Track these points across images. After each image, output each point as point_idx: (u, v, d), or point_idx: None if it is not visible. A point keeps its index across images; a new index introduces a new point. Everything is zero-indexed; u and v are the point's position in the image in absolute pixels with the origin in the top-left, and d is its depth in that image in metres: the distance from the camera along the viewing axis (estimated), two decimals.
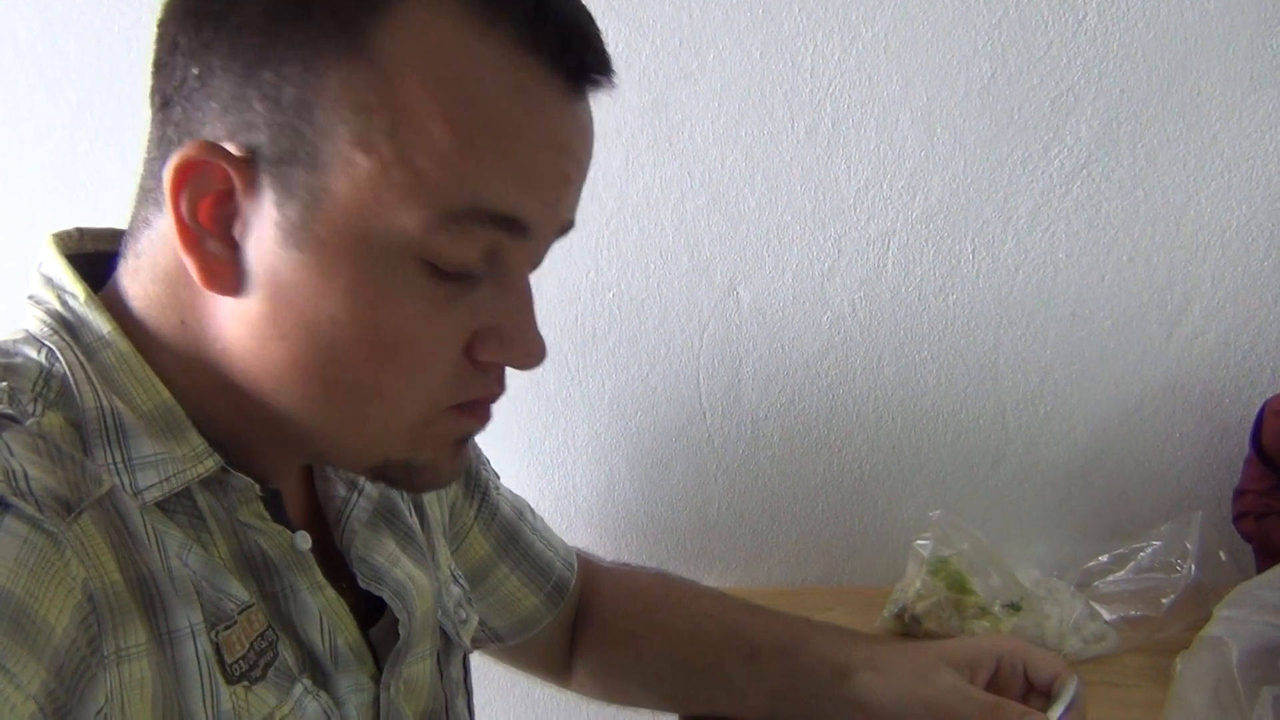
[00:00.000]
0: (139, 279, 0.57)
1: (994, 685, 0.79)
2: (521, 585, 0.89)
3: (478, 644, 0.89)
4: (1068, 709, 0.75)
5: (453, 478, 0.63)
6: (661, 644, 0.92)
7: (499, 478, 0.91)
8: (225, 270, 0.53)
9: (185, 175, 0.52)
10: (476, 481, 0.86)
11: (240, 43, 0.51)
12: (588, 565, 0.97)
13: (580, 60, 0.54)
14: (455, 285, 0.54)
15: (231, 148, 0.52)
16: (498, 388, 0.59)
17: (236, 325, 0.54)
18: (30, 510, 0.47)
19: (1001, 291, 1.20)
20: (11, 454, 0.48)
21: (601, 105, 1.17)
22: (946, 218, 1.18)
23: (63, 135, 1.19)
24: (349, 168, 0.51)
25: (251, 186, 0.52)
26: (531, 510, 0.93)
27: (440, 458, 0.60)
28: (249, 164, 0.52)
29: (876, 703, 0.79)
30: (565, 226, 0.59)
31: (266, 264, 0.53)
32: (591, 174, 1.20)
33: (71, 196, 1.20)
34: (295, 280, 0.53)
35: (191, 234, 0.53)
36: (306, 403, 0.55)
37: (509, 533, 0.88)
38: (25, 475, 0.48)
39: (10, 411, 0.51)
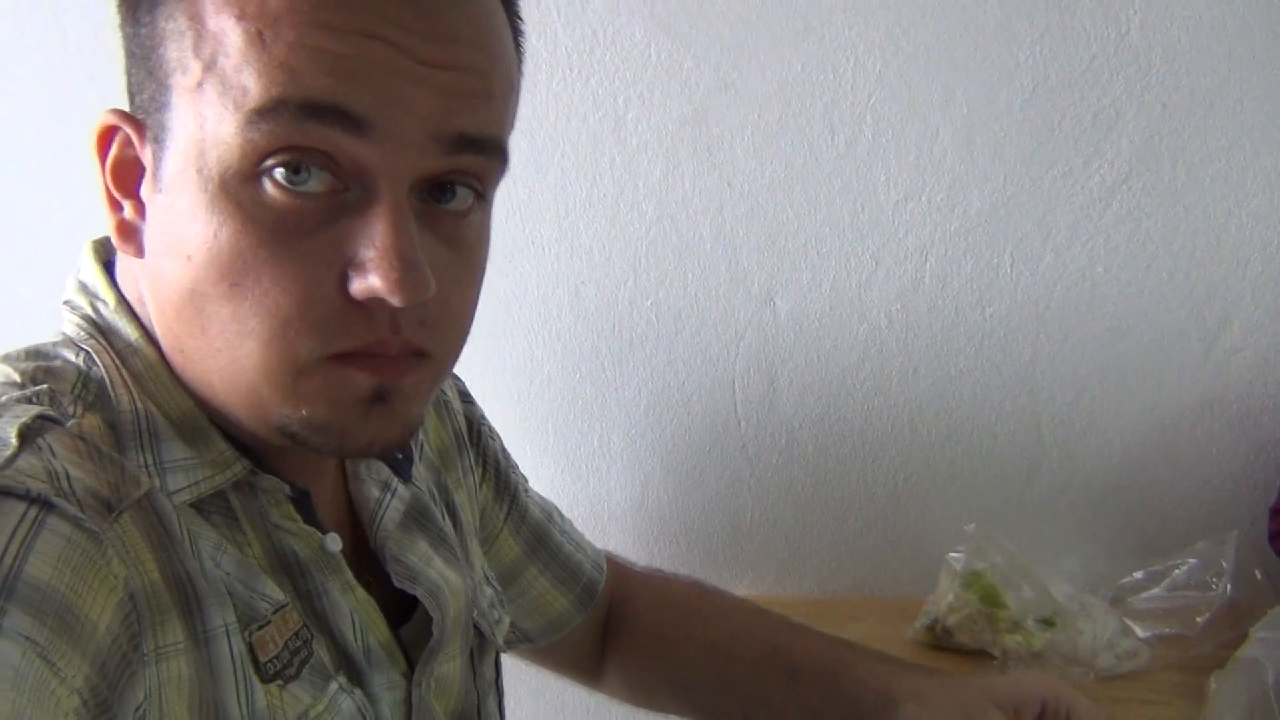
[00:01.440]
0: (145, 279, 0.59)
1: None
2: (551, 587, 0.90)
3: (508, 645, 0.90)
4: None
5: (381, 444, 0.56)
6: (697, 656, 0.92)
7: (527, 481, 0.91)
8: (129, 229, 0.55)
9: (103, 143, 0.55)
10: (506, 484, 0.87)
11: (123, 5, 0.54)
12: (619, 569, 0.98)
13: None
14: (307, 207, 0.51)
15: (130, 110, 0.54)
16: (387, 333, 0.53)
17: (149, 286, 0.56)
18: (73, 510, 0.48)
19: (1039, 305, 1.20)
20: (54, 455, 0.49)
21: (643, 116, 1.18)
22: (985, 231, 1.18)
23: None
24: (179, 98, 0.51)
25: (141, 143, 0.54)
26: (560, 514, 0.94)
27: (344, 417, 0.54)
28: (138, 122, 0.54)
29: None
30: (461, 139, 0.53)
31: (146, 215, 0.55)
32: (631, 183, 1.22)
33: None
34: (160, 223, 0.53)
35: (112, 199, 0.55)
36: (201, 362, 0.54)
37: (538, 535, 0.89)
38: (67, 476, 0.49)
39: (52, 413, 0.52)
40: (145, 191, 0.54)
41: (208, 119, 0.49)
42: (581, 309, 1.22)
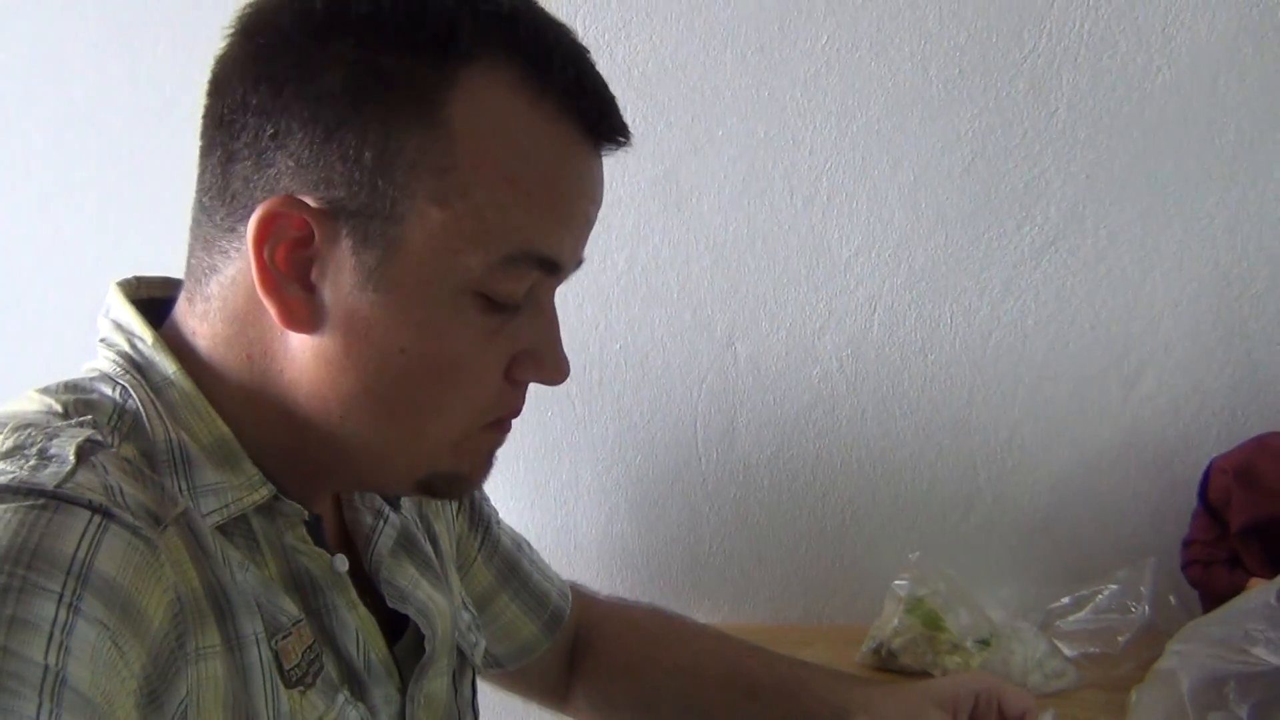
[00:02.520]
0: (207, 320, 0.61)
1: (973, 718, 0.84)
2: (521, 614, 0.93)
3: (481, 669, 0.93)
4: None
5: (482, 482, 0.69)
6: (662, 679, 0.96)
7: (499, 514, 0.96)
8: (303, 310, 0.58)
9: (269, 225, 0.57)
10: (480, 516, 0.91)
11: (322, 108, 0.56)
12: (584, 598, 1.01)
13: (610, 125, 0.62)
14: (502, 316, 0.61)
15: (311, 201, 0.56)
16: (522, 405, 0.66)
17: (308, 359, 0.59)
18: (131, 519, 0.51)
19: (976, 354, 1.27)
20: (107, 473, 0.53)
21: (618, 173, 1.25)
22: (928, 285, 1.25)
23: (110, 182, 1.25)
24: (424, 219, 0.57)
25: (330, 235, 0.57)
26: (529, 545, 0.97)
27: (476, 467, 0.66)
28: (328, 215, 0.57)
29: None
30: (580, 263, 0.67)
31: (344, 304, 0.58)
32: (605, 236, 1.29)
33: (118, 241, 1.26)
34: (371, 317, 0.58)
35: (272, 279, 0.57)
36: (371, 424, 0.61)
37: (509, 564, 0.93)
38: (121, 491, 0.53)
39: (99, 438, 0.56)
40: (332, 279, 0.58)
41: (457, 250, 0.58)
42: None
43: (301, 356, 0.60)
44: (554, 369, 0.65)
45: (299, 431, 0.62)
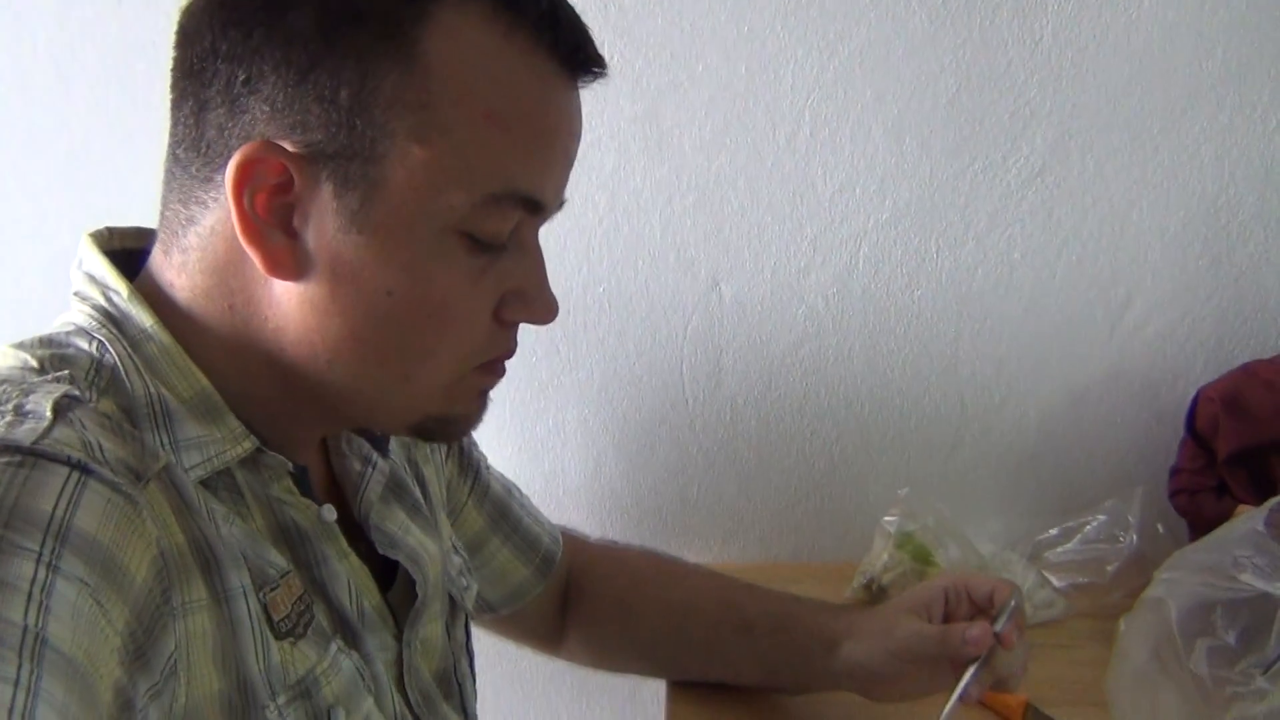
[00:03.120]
0: (185, 272, 0.61)
1: (948, 617, 0.86)
2: (513, 558, 0.94)
3: (473, 614, 0.94)
4: (1009, 618, 0.83)
5: (478, 424, 0.69)
6: (655, 617, 0.98)
7: (487, 459, 0.96)
8: (287, 257, 0.58)
9: (247, 173, 0.56)
10: (469, 461, 0.92)
11: (294, 50, 0.55)
12: (575, 542, 1.03)
13: (585, 56, 0.61)
14: (487, 257, 0.61)
15: (289, 145, 0.56)
16: (514, 345, 0.66)
17: (294, 306, 0.59)
18: (110, 475, 0.51)
19: (962, 288, 1.27)
20: (85, 428, 0.53)
21: (597, 113, 1.23)
22: (913, 220, 1.25)
23: (78, 134, 1.22)
24: (405, 158, 0.56)
25: (310, 179, 0.56)
26: (519, 490, 0.98)
27: (470, 410, 0.66)
28: (307, 159, 0.56)
29: (859, 667, 0.86)
30: (562, 203, 0.67)
31: (328, 249, 0.57)
32: (585, 177, 1.27)
33: (86, 193, 1.24)
34: (356, 261, 0.58)
35: (254, 227, 0.57)
36: (360, 369, 0.61)
37: (500, 509, 0.94)
38: (100, 446, 0.53)
39: (76, 393, 0.55)
40: (315, 224, 0.58)
41: (440, 188, 0.57)
42: None
43: (286, 304, 0.59)
44: (543, 308, 0.65)
45: (284, 380, 0.62)
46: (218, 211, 0.58)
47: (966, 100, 1.21)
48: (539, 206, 0.62)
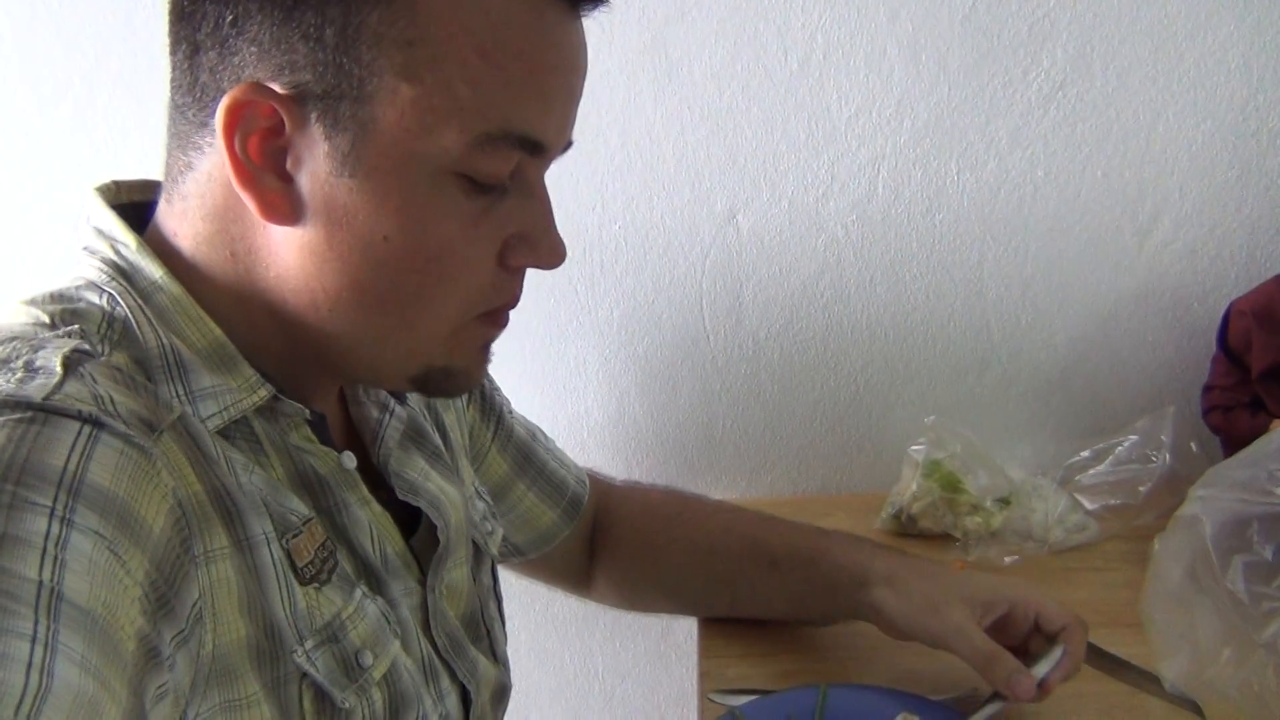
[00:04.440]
0: (186, 220, 0.60)
1: (1003, 624, 0.84)
2: (539, 501, 0.94)
3: (502, 557, 0.94)
4: (1055, 667, 0.81)
5: (480, 380, 0.68)
6: (682, 557, 0.98)
7: (510, 403, 0.96)
8: (281, 202, 0.57)
9: (236, 115, 0.55)
10: (491, 406, 0.91)
11: None
12: (601, 484, 1.03)
13: None
14: (487, 199, 0.59)
15: (277, 86, 0.55)
16: (518, 292, 0.64)
17: (292, 252, 0.58)
18: (122, 428, 0.51)
19: (985, 210, 1.25)
20: (96, 382, 0.53)
21: (604, 45, 1.21)
22: (932, 141, 1.22)
23: (81, 90, 1.22)
24: (394, 97, 0.55)
25: (300, 121, 0.55)
26: (543, 433, 0.98)
27: (472, 363, 0.65)
28: (296, 101, 0.55)
29: (888, 616, 0.85)
30: (568, 144, 0.64)
31: (321, 192, 0.57)
32: (595, 112, 1.25)
33: (91, 150, 1.23)
34: (350, 204, 0.57)
35: (246, 171, 0.56)
36: (360, 317, 0.60)
37: (524, 453, 0.93)
38: (111, 399, 0.53)
39: (87, 347, 0.55)
40: (307, 168, 0.57)
41: (431, 128, 0.56)
42: None
43: (285, 250, 0.59)
44: (549, 252, 0.63)
45: (290, 329, 0.61)
46: (213, 157, 0.58)
47: (983, 14, 1.18)
48: (539, 147, 0.59)
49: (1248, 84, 1.20)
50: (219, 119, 0.55)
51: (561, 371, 1.32)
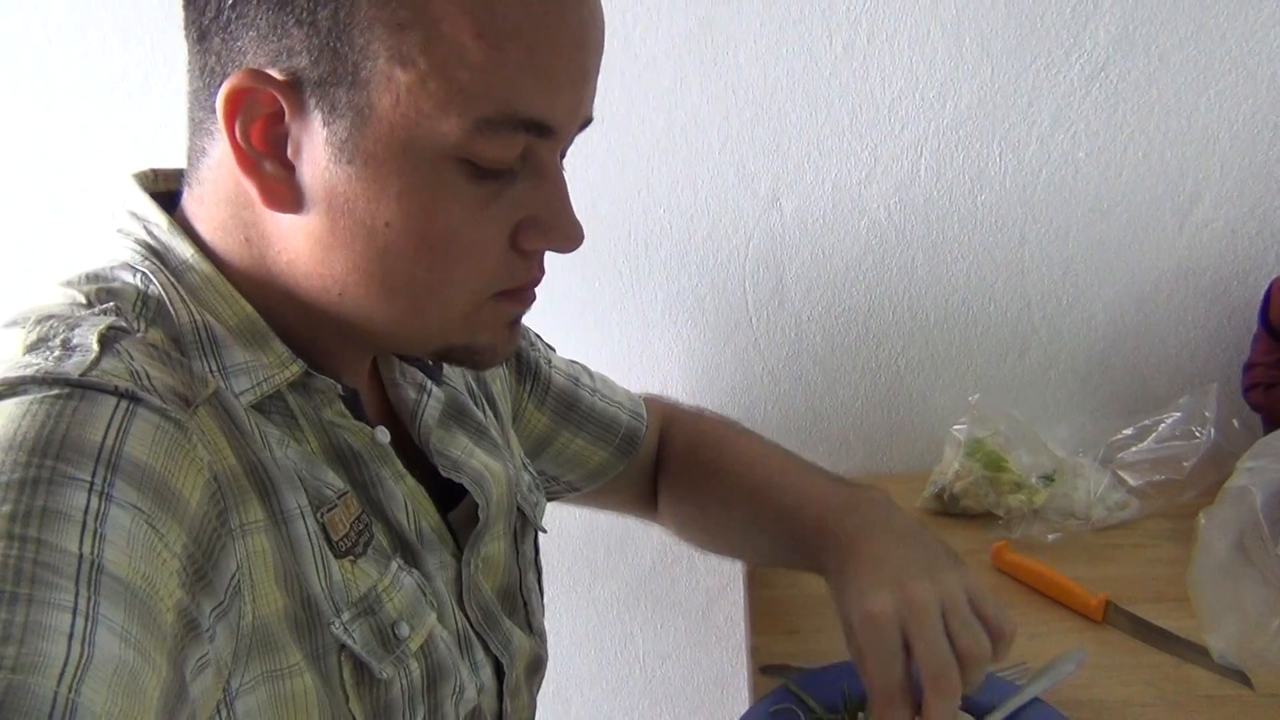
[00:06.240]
0: (204, 205, 0.61)
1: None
2: (588, 445, 0.94)
3: (555, 496, 0.95)
4: None
5: (509, 354, 0.68)
6: (728, 504, 0.94)
7: (553, 350, 0.95)
8: (283, 190, 0.57)
9: (236, 103, 0.54)
10: (526, 364, 0.91)
11: None
12: (664, 411, 1.01)
13: None
14: (494, 184, 0.58)
15: (275, 73, 0.54)
16: (539, 272, 0.63)
17: (298, 239, 0.58)
18: (158, 402, 0.52)
19: (1026, 191, 1.25)
20: (132, 358, 0.54)
21: (650, 30, 1.23)
22: (975, 123, 1.23)
23: (137, 78, 1.24)
24: (389, 83, 0.53)
25: (298, 108, 0.55)
26: (589, 373, 0.97)
27: (497, 339, 0.64)
28: (293, 87, 0.54)
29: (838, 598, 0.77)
30: (586, 121, 0.62)
31: (321, 180, 0.56)
32: (642, 97, 1.26)
33: (147, 136, 1.25)
34: (349, 192, 0.56)
35: (248, 158, 0.56)
36: (369, 303, 0.59)
37: (566, 402, 0.93)
38: (147, 375, 0.53)
39: (123, 324, 0.56)
40: (307, 155, 0.56)
41: (428, 114, 0.54)
42: (599, 220, 1.27)
43: (293, 237, 0.59)
44: (562, 236, 0.61)
45: (308, 311, 0.62)
46: (222, 143, 0.57)
47: None
48: (547, 129, 0.57)
49: None
50: (220, 106, 0.55)
51: (605, 355, 1.34)
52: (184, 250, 0.60)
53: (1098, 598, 1.00)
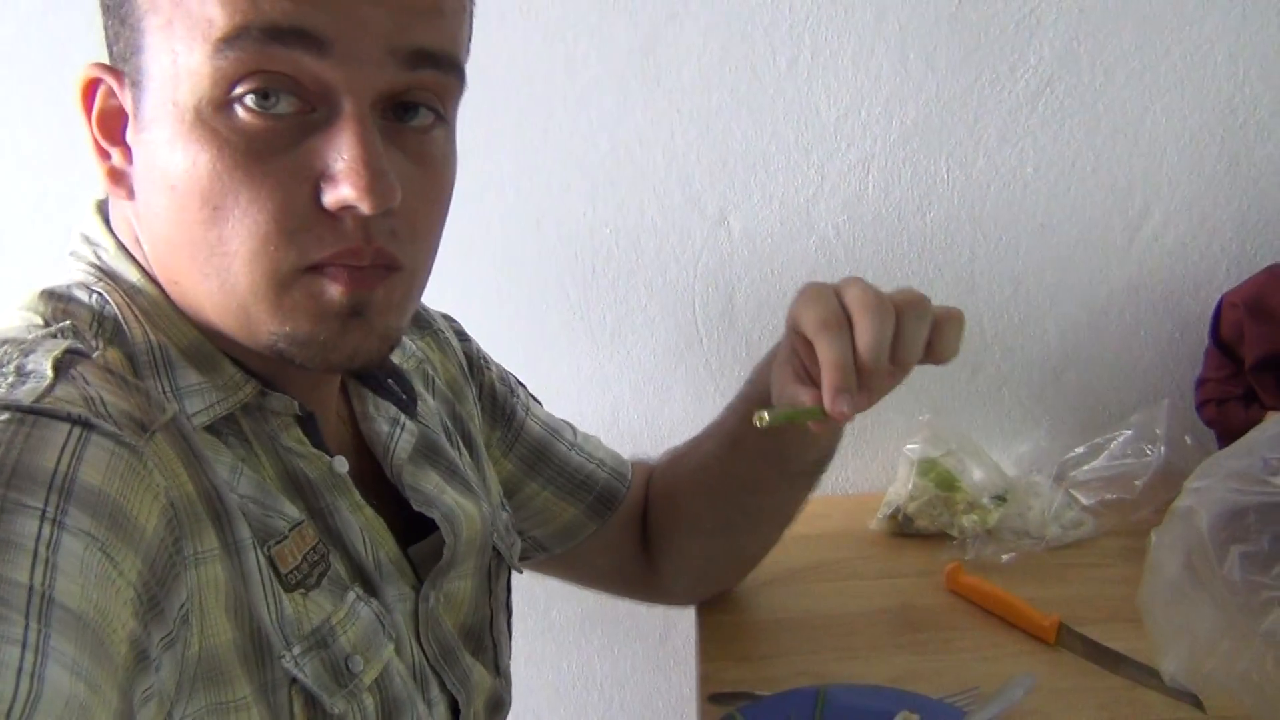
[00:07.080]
0: (116, 221, 0.63)
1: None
2: (556, 499, 0.92)
3: (526, 557, 0.93)
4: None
5: (362, 356, 0.59)
6: (686, 488, 0.96)
7: (537, 403, 0.94)
8: (120, 174, 0.59)
9: (85, 95, 0.58)
10: (500, 409, 0.90)
11: None
12: (648, 471, 1.00)
13: None
14: (278, 128, 0.54)
15: (107, 61, 0.58)
16: (357, 242, 0.56)
17: (142, 228, 0.60)
18: (112, 428, 0.51)
19: (975, 208, 1.25)
20: (88, 383, 0.53)
21: (593, 49, 1.21)
22: (922, 140, 1.22)
23: None
24: (152, 41, 0.55)
25: (121, 91, 0.57)
26: (574, 430, 0.96)
27: (323, 330, 0.57)
28: (114, 73, 0.57)
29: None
30: (418, 54, 0.56)
31: (139, 159, 0.57)
32: (585, 116, 1.24)
33: None
34: (144, 162, 0.57)
35: (100, 148, 0.59)
36: (186, 284, 0.58)
37: (537, 452, 0.91)
38: (102, 401, 0.52)
39: (80, 346, 0.56)
40: (130, 136, 0.58)
41: (179, 53, 0.53)
42: (543, 241, 1.25)
43: (140, 228, 0.60)
44: (353, 185, 0.54)
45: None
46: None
47: (970, 11, 1.18)
48: (314, 41, 0.53)
49: (1234, 77, 1.20)
50: (76, 101, 0.58)
51: (555, 377, 1.31)
52: (130, 274, 0.61)
53: (1050, 619, 0.98)
